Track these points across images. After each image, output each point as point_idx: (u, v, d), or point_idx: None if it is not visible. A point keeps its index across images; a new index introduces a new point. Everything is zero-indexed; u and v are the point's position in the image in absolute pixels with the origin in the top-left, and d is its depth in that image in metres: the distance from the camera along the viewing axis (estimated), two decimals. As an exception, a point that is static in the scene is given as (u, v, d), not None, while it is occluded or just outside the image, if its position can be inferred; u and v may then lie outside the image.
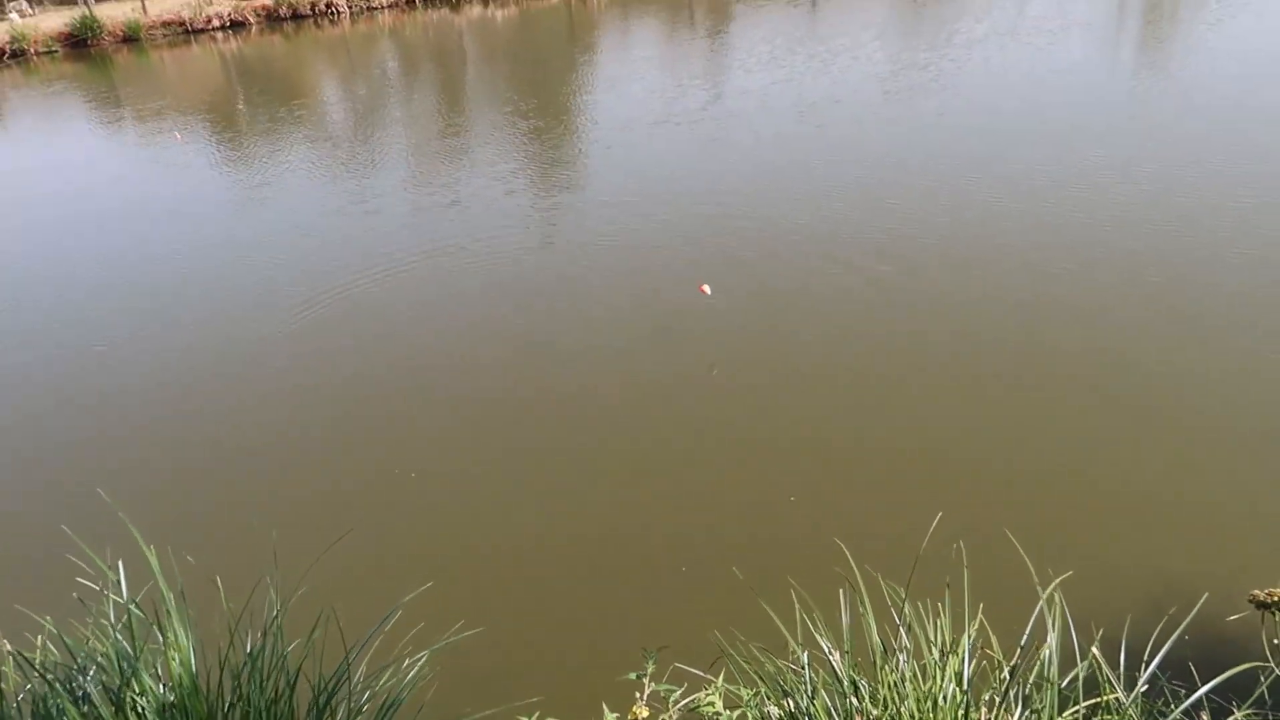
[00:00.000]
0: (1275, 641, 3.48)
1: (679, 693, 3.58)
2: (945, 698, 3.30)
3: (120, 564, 3.62)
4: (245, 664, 3.56)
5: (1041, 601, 3.35)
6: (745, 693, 3.34)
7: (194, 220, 15.98)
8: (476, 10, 39.21)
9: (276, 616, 3.77)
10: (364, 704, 3.71)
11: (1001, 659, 3.48)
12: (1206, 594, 3.55)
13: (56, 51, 36.11)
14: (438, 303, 11.75)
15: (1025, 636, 3.45)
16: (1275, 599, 3.34)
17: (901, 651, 3.50)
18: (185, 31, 38.27)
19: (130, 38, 37.12)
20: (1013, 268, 10.96)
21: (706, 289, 10.33)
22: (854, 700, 3.30)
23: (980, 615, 3.61)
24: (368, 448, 8.84)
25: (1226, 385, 8.35)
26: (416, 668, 3.82)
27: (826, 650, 3.49)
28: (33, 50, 35.65)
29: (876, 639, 3.45)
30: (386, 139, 20.96)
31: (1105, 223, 11.84)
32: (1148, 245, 11.12)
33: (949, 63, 21.70)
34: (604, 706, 3.41)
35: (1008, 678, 3.38)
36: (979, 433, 8.14)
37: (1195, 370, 8.64)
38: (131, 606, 3.47)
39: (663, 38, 31.05)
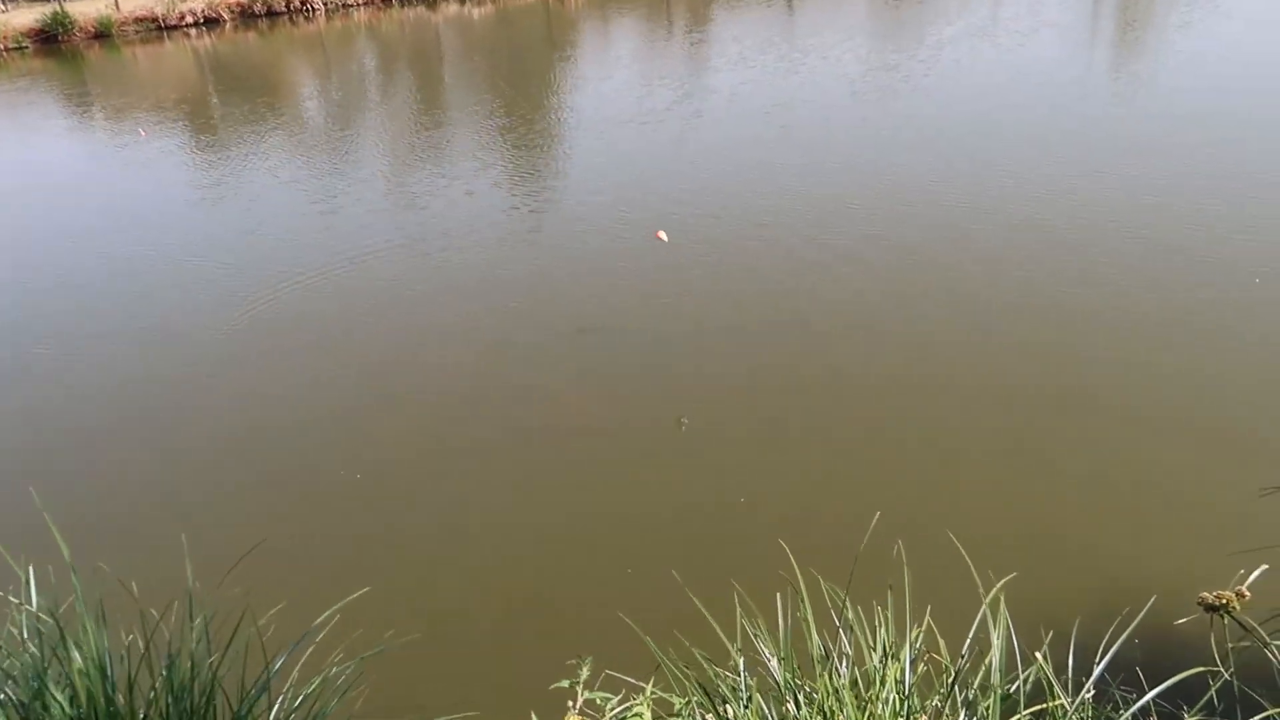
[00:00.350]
0: (1229, 646, 3.39)
1: (615, 700, 3.46)
2: (885, 704, 3.19)
3: (30, 569, 3.46)
4: (162, 674, 3.41)
5: (985, 606, 3.25)
6: (678, 701, 3.21)
7: (151, 217, 15.75)
8: (453, 8, 38.99)
9: (200, 622, 3.63)
10: (291, 714, 3.57)
11: (948, 663, 3.38)
12: (1155, 596, 3.46)
13: (27, 47, 35.65)
14: (393, 301, 11.57)
15: (969, 640, 3.35)
16: (1224, 602, 3.25)
17: (842, 657, 3.39)
18: (158, 28, 37.89)
19: (102, 34, 36.72)
20: (969, 268, 10.90)
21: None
22: (791, 707, 3.19)
23: (928, 617, 3.52)
24: (315, 448, 8.64)
25: (1181, 387, 8.32)
26: (344, 675, 3.68)
27: (766, 655, 3.37)
28: (1, 46, 35.19)
29: (817, 643, 3.35)
30: (355, 137, 20.75)
31: (1065, 225, 11.82)
32: (1109, 247, 11.09)
33: (918, 64, 21.74)
34: (533, 716, 3.28)
35: (950, 683, 3.28)
36: (932, 432, 8.06)
37: (1148, 371, 8.59)
38: (41, 614, 3.32)
39: (639, 37, 30.95)
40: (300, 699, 3.65)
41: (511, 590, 6.67)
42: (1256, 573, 3.40)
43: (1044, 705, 3.15)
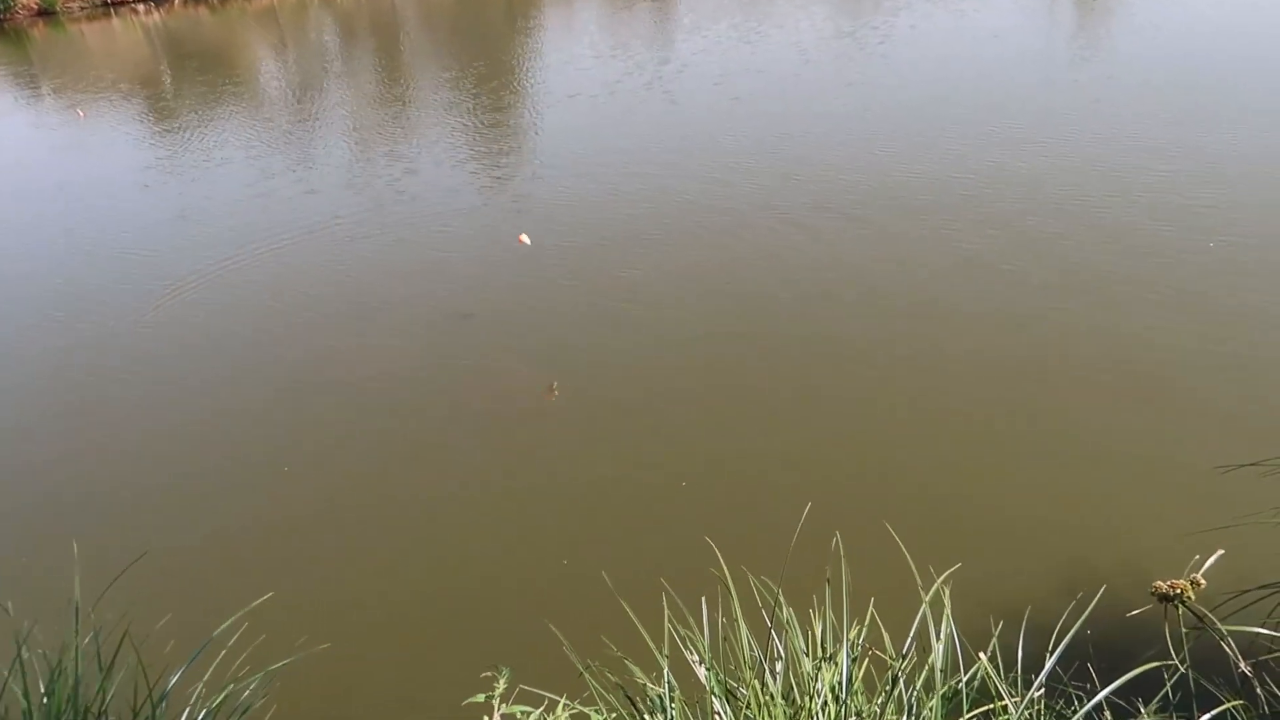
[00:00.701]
0: (1184, 632, 3.22)
1: (536, 715, 3.23)
2: (822, 712, 2.99)
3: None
4: (44, 698, 3.14)
5: (925, 603, 3.05)
6: (596, 716, 2.98)
7: (80, 201, 15.17)
8: (410, -21, 38.30)
9: (91, 639, 3.37)
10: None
11: (893, 659, 3.18)
12: (1105, 586, 3.26)
13: (-34, 27, 34.69)
14: (323, 284, 11.11)
15: (910, 637, 3.16)
16: (1179, 591, 3.05)
17: (778, 660, 3.19)
18: (105, 4, 37.00)
19: (46, 11, 35.79)
20: (922, 239, 10.62)
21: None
22: (719, 717, 2.97)
23: (871, 609, 3.32)
24: (234, 441, 8.20)
25: (1136, 356, 8.05)
26: (250, 689, 3.43)
27: (695, 661, 3.15)
28: (-62, 26, 34.21)
29: (748, 646, 3.14)
30: (305, 116, 20.18)
31: (1021, 192, 11.61)
32: (1064, 215, 10.88)
33: (872, 31, 21.56)
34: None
35: (890, 685, 3.09)
36: (878, 410, 7.73)
37: (1103, 341, 8.33)
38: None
39: (598, 7, 30.43)
40: (201, 715, 3.40)
41: (434, 590, 6.24)
42: (1212, 559, 3.22)
43: (990, 706, 2.96)
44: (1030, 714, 2.98)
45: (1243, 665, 3.05)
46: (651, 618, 3.25)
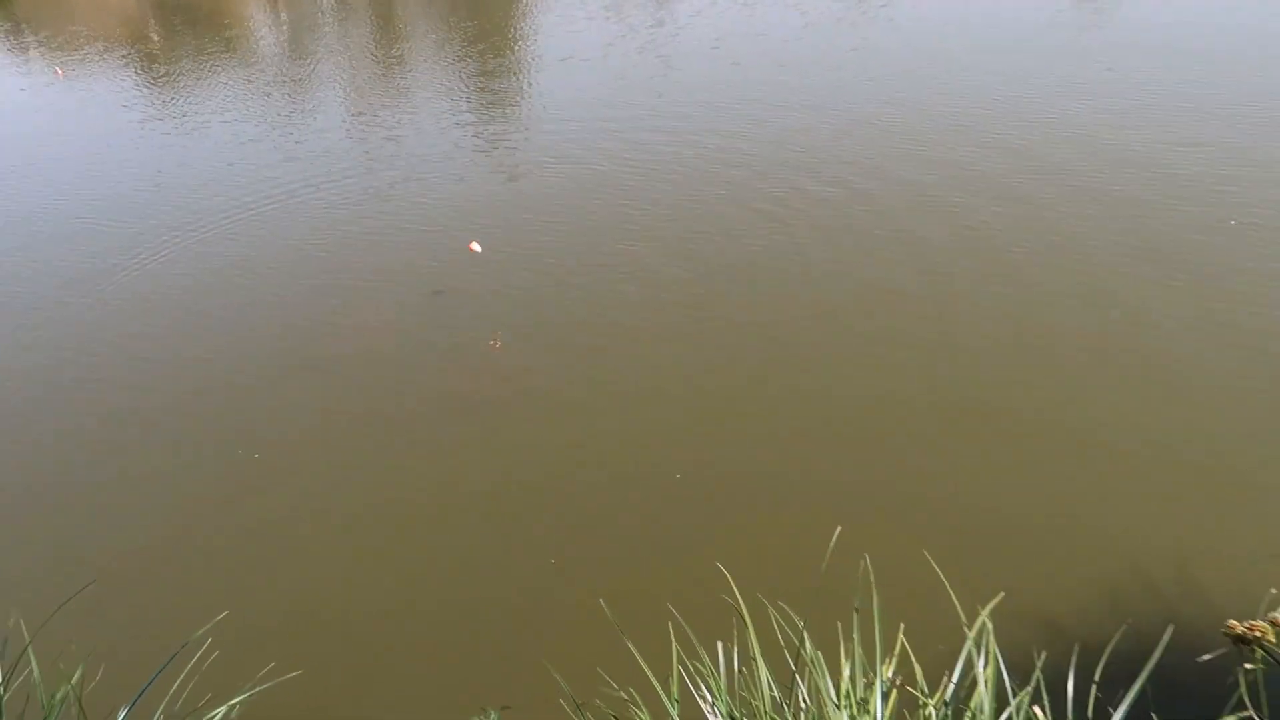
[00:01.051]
0: (1252, 667, 2.86)
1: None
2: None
3: None
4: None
5: (969, 641, 2.69)
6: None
7: (44, 165, 14.70)
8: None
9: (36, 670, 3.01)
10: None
11: (925, 697, 2.84)
12: (1172, 626, 2.89)
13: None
14: (298, 253, 10.78)
15: (955, 681, 2.80)
16: (1258, 633, 2.68)
17: (802, 705, 2.84)
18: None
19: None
20: (926, 217, 10.23)
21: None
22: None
23: (901, 638, 2.97)
24: (188, 433, 7.83)
25: (1183, 373, 7.48)
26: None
27: (708, 705, 2.81)
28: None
29: (768, 689, 2.80)
30: (285, 78, 19.58)
31: (1028, 166, 11.25)
32: (1071, 193, 10.48)
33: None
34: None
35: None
36: (897, 409, 7.28)
37: (1138, 360, 7.73)
38: None
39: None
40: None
41: (413, 605, 5.77)
42: (1293, 596, 2.86)
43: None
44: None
45: (1329, 721, 2.69)
46: (654, 641, 2.91)
